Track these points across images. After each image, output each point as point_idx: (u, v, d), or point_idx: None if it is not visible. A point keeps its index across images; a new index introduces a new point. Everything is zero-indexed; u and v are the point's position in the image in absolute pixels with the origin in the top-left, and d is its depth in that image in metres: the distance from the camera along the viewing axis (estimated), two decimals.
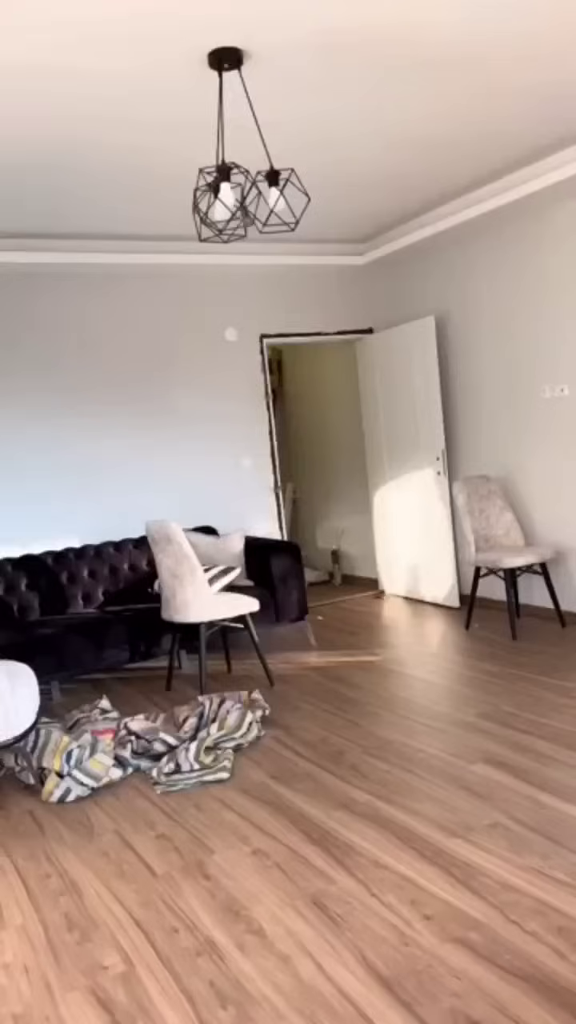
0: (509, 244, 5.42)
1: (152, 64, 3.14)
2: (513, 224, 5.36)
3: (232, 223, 3.36)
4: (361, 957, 2.16)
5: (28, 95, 3.30)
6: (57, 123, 3.60)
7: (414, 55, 3.27)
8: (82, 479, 5.66)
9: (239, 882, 2.60)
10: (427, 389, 6.08)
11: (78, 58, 3.03)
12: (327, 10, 2.86)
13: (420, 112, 3.88)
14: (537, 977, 2.01)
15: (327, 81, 3.44)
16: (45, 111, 3.46)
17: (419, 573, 6.49)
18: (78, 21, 2.78)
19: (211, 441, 6.13)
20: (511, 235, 5.39)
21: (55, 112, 3.48)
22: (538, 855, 2.57)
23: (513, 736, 3.55)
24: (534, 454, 5.48)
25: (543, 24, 3.12)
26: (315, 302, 6.51)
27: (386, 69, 3.38)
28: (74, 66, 3.09)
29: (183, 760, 3.48)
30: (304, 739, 3.77)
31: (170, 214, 5.11)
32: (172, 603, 4.49)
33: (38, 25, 2.78)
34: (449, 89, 3.65)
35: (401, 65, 3.35)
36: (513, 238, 5.38)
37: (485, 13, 2.99)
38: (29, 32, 2.82)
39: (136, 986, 2.14)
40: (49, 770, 3.44)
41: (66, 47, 2.94)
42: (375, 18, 2.94)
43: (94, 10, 2.72)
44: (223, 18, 2.85)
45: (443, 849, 2.67)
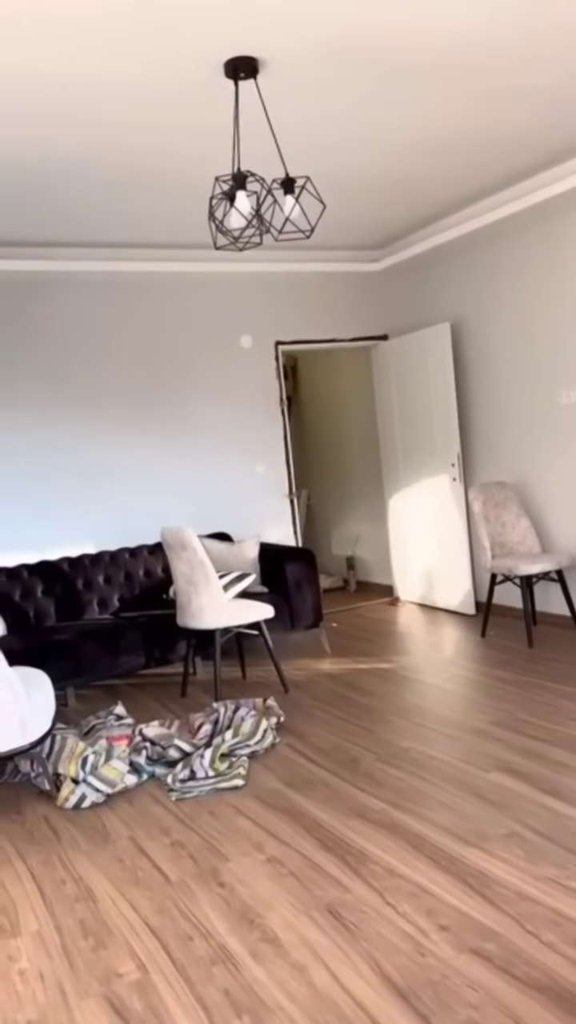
0: (525, 249, 5.41)
1: (169, 74, 3.16)
2: (529, 229, 5.35)
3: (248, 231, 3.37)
4: (376, 966, 2.15)
5: (46, 103, 3.33)
6: (74, 131, 3.63)
7: (430, 61, 3.27)
8: (98, 485, 5.69)
9: (253, 890, 2.59)
10: (443, 395, 6.07)
11: (96, 67, 3.06)
12: (342, 18, 2.87)
13: (436, 118, 3.88)
14: (554, 989, 1.99)
15: (342, 88, 3.45)
16: (64, 119, 3.49)
17: (434, 580, 6.46)
18: (95, 30, 2.80)
19: (226, 447, 6.14)
20: (527, 240, 5.38)
21: (73, 120, 3.52)
22: (554, 865, 2.55)
23: (528, 744, 3.53)
24: (550, 460, 5.46)
25: (559, 26, 3.12)
26: (330, 309, 6.52)
27: (401, 75, 3.38)
28: (92, 75, 3.12)
29: (198, 767, 3.48)
30: (318, 746, 3.76)
31: (186, 222, 5.14)
32: (187, 609, 4.50)
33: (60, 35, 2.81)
34: (464, 94, 3.65)
35: (417, 71, 3.36)
36: (529, 243, 5.37)
37: (502, 16, 2.99)
38: (51, 42, 2.85)
39: (151, 993, 2.14)
40: (64, 776, 3.45)
41: (82, 56, 2.97)
42: (390, 25, 2.95)
43: (110, 19, 2.74)
44: (238, 28, 2.86)
45: (458, 858, 2.65)
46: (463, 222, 5.66)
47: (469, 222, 5.61)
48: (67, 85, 3.17)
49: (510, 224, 5.41)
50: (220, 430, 6.12)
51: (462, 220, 5.65)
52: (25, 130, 3.55)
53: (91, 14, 2.69)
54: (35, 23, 2.71)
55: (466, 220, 5.63)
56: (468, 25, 3.00)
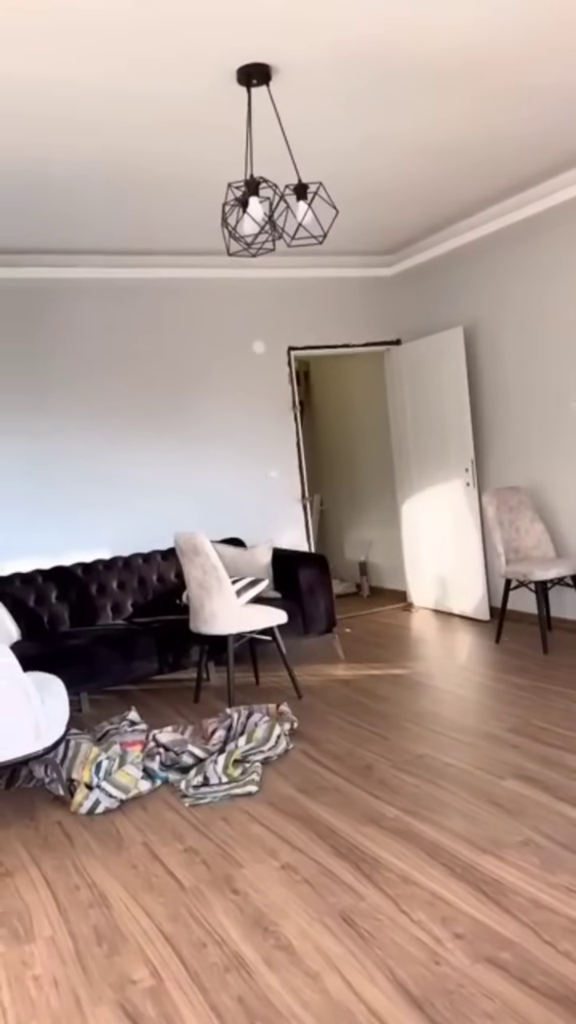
0: (538, 254, 5.39)
1: (182, 81, 3.17)
2: (542, 234, 5.33)
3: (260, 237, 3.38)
4: (391, 975, 2.13)
5: (57, 108, 3.35)
6: (85, 137, 3.66)
7: (441, 64, 3.27)
8: (111, 490, 5.71)
9: (267, 896, 2.58)
10: (456, 400, 6.06)
11: (108, 74, 3.08)
12: (353, 24, 2.87)
13: (448, 123, 3.88)
14: (572, 999, 1.97)
15: (354, 94, 3.46)
16: (75, 125, 3.52)
17: (448, 585, 6.44)
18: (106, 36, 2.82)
19: (239, 453, 6.15)
20: (540, 245, 5.36)
21: (85, 126, 3.54)
22: (571, 873, 2.52)
23: (544, 751, 3.50)
24: (565, 465, 5.43)
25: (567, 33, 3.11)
26: (342, 314, 6.52)
27: (411, 81, 3.39)
28: (105, 81, 3.14)
29: (211, 773, 3.48)
30: (332, 752, 3.75)
31: (199, 228, 5.16)
32: (200, 615, 4.50)
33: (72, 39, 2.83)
34: (479, 100, 3.65)
35: (428, 75, 3.36)
36: (542, 248, 5.35)
37: (515, 20, 2.98)
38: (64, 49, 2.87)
39: (164, 1000, 2.13)
40: (78, 782, 3.46)
41: (94, 62, 2.99)
42: (402, 29, 2.95)
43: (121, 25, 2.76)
44: (251, 35, 2.87)
45: (473, 865, 2.63)
46: (476, 227, 5.66)
47: (482, 227, 5.61)
48: (77, 90, 3.19)
49: (524, 228, 5.40)
50: (233, 435, 6.13)
51: (475, 224, 5.64)
52: (33, 135, 3.57)
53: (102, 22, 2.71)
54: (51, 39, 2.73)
55: (479, 224, 5.62)
56: (480, 28, 3.00)
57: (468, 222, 5.64)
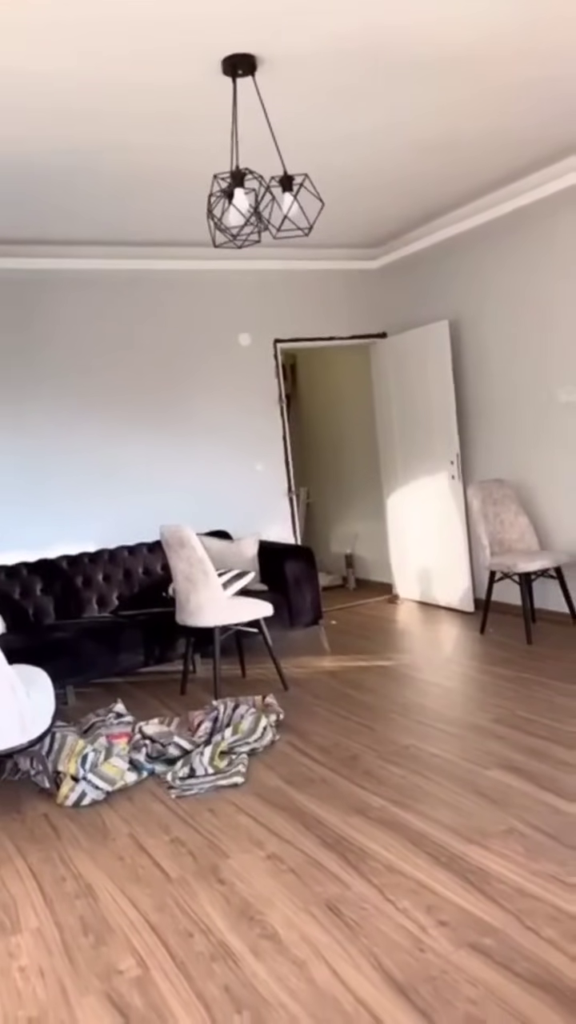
0: (523, 247, 5.41)
1: (167, 71, 3.16)
2: (527, 227, 5.35)
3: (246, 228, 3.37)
4: (376, 963, 2.15)
5: (45, 101, 3.33)
6: (72, 129, 3.63)
7: (427, 59, 3.27)
8: (96, 483, 5.69)
9: (254, 887, 2.60)
10: (441, 393, 6.07)
11: (95, 65, 3.06)
12: (341, 16, 2.87)
13: (433, 116, 3.88)
14: (554, 985, 1.99)
15: (340, 86, 3.45)
16: (62, 117, 3.49)
17: (433, 577, 6.47)
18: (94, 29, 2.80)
19: (225, 445, 6.14)
20: (525, 238, 5.38)
21: (71, 118, 3.51)
22: (554, 861, 2.55)
23: (528, 741, 3.53)
24: (549, 458, 5.46)
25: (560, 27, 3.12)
26: (329, 307, 6.52)
27: (398, 73, 3.38)
28: (92, 74, 3.12)
29: (197, 764, 3.48)
30: (318, 743, 3.77)
31: (185, 220, 5.14)
32: (186, 607, 4.50)
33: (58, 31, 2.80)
34: (463, 93, 3.65)
35: (413, 69, 3.36)
36: (527, 241, 5.37)
37: (500, 17, 2.99)
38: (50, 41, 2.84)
39: (151, 990, 2.14)
40: (64, 774, 3.45)
41: (82, 53, 2.97)
42: (388, 23, 2.95)
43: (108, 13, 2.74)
44: (237, 25, 2.86)
45: (458, 855, 2.65)
46: (462, 219, 5.67)
47: (468, 219, 5.62)
48: (60, 80, 3.17)
49: (509, 221, 5.42)
50: (219, 428, 6.12)
51: (461, 217, 5.65)
52: (18, 126, 3.54)
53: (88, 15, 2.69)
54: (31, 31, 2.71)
55: (465, 217, 5.63)
56: (467, 22, 3.00)
57: (454, 215, 5.65)
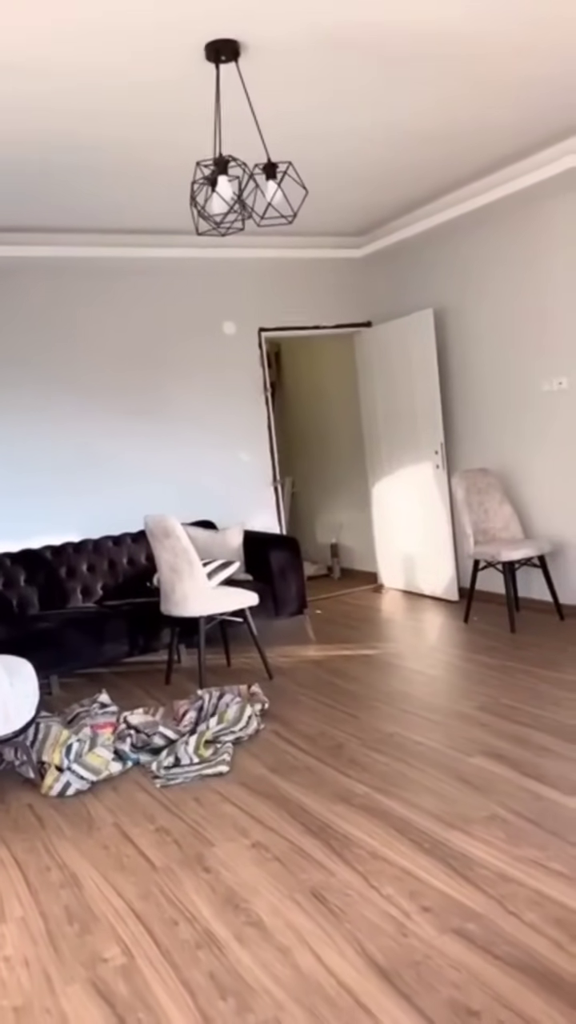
0: (507, 236, 5.41)
1: (148, 56, 3.13)
2: (511, 216, 5.35)
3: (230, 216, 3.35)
4: (360, 948, 2.17)
5: (22, 88, 3.29)
6: (51, 116, 3.59)
7: (412, 48, 3.26)
8: (80, 473, 5.66)
9: (238, 874, 2.61)
10: (426, 382, 6.08)
11: (74, 50, 3.02)
12: (323, 5, 2.85)
13: (418, 105, 3.87)
14: (535, 968, 2.02)
15: (324, 74, 3.43)
16: (39, 104, 3.45)
17: (418, 566, 6.49)
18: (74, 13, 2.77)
19: (210, 435, 6.13)
20: (509, 227, 5.38)
21: (49, 105, 3.47)
22: (535, 846, 2.58)
23: (511, 729, 3.56)
24: (533, 447, 5.48)
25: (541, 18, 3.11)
26: (313, 295, 6.50)
27: (383, 62, 3.37)
28: (70, 59, 3.08)
29: (182, 754, 3.49)
30: (303, 732, 3.78)
31: (168, 207, 5.10)
32: (171, 597, 4.49)
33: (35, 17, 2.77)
34: (447, 82, 3.64)
35: (399, 58, 3.34)
36: (512, 230, 5.37)
37: (483, 7, 2.98)
38: (26, 26, 2.81)
39: (136, 978, 2.15)
40: (49, 764, 3.45)
41: (63, 40, 2.93)
42: (372, 12, 2.93)
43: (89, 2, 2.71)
44: (220, 10, 2.83)
45: (441, 841, 2.68)
46: (446, 208, 5.66)
47: (452, 208, 5.61)
48: (34, 63, 3.13)
49: (493, 211, 5.41)
50: (203, 417, 6.10)
51: (445, 206, 5.64)
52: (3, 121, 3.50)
53: None
54: None
55: (449, 206, 5.62)
56: (453, 14, 2.99)
57: (438, 203, 5.63)
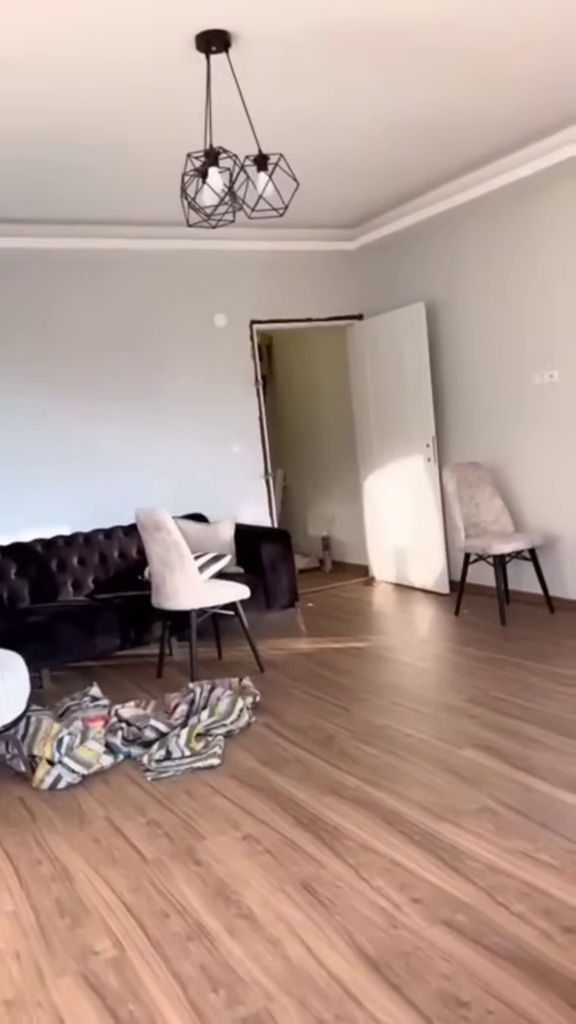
0: (499, 229, 5.41)
1: (138, 46, 3.10)
2: (503, 209, 5.35)
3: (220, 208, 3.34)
4: (350, 940, 2.18)
5: (12, 80, 3.26)
6: (41, 108, 3.56)
7: (405, 40, 3.25)
8: (71, 466, 5.64)
9: (229, 867, 2.62)
10: (417, 375, 6.08)
11: (62, 41, 3.00)
12: None
13: (410, 98, 3.85)
14: (524, 959, 2.03)
15: (316, 65, 3.41)
16: (28, 97, 3.42)
17: (409, 559, 6.50)
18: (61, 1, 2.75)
19: (201, 428, 6.11)
20: (501, 220, 5.38)
21: (39, 97, 3.45)
22: (525, 838, 2.59)
23: (501, 721, 3.58)
24: (524, 440, 5.49)
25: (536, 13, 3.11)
26: (305, 288, 6.49)
27: (376, 55, 3.35)
28: (59, 50, 3.06)
29: (173, 747, 3.49)
30: (294, 725, 3.79)
31: (158, 199, 5.08)
32: (162, 590, 4.49)
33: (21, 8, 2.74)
34: (440, 75, 3.62)
35: (391, 51, 3.33)
36: (503, 223, 5.37)
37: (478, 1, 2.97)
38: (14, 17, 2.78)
39: (127, 970, 2.15)
40: (40, 757, 3.45)
41: (50, 30, 2.91)
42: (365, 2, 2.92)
43: None
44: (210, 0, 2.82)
45: (431, 833, 2.69)
46: (438, 200, 5.65)
47: (444, 201, 5.60)
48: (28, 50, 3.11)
49: (485, 204, 5.41)
50: (195, 410, 6.09)
51: (437, 199, 5.63)
52: None
53: None
54: None
55: (441, 199, 5.62)
56: (450, 7, 2.97)
57: (430, 196, 5.63)
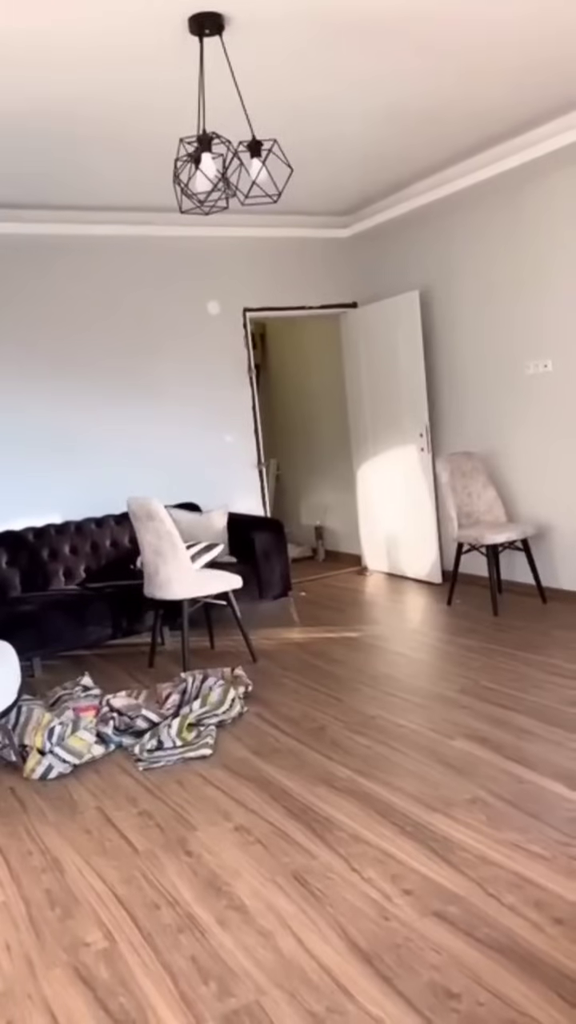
0: (493, 217, 5.37)
1: (130, 29, 3.06)
2: (497, 197, 5.31)
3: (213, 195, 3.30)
4: (341, 931, 2.18)
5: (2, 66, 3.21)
6: (33, 92, 3.51)
7: (399, 27, 3.21)
8: (63, 454, 5.61)
9: (221, 858, 2.61)
10: (411, 364, 6.06)
11: (52, 24, 2.95)
12: None
13: (405, 85, 3.81)
14: (515, 950, 2.04)
15: (311, 51, 3.37)
16: (19, 80, 3.37)
17: (402, 549, 6.50)
18: None
19: (194, 416, 6.08)
20: (495, 208, 5.34)
21: (30, 80, 3.40)
22: (516, 829, 2.59)
23: (493, 711, 3.58)
24: (517, 430, 5.48)
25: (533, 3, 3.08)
26: (299, 275, 6.44)
27: (370, 41, 3.31)
28: (52, 31, 3.01)
29: (165, 737, 3.48)
30: (286, 715, 3.78)
31: (150, 185, 5.02)
32: (154, 580, 4.47)
33: None
34: (434, 63, 3.59)
35: (385, 37, 3.29)
36: (497, 211, 5.33)
37: None
38: None
39: (118, 962, 2.15)
40: (31, 747, 3.44)
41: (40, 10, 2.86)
42: None
43: None
44: None
45: (423, 824, 2.69)
46: (433, 188, 5.61)
47: (438, 188, 5.56)
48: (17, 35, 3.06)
49: (479, 192, 5.37)
50: (187, 399, 6.05)
51: (432, 186, 5.60)
52: None
53: None
54: None
55: (436, 186, 5.58)
56: None
57: (425, 184, 5.58)
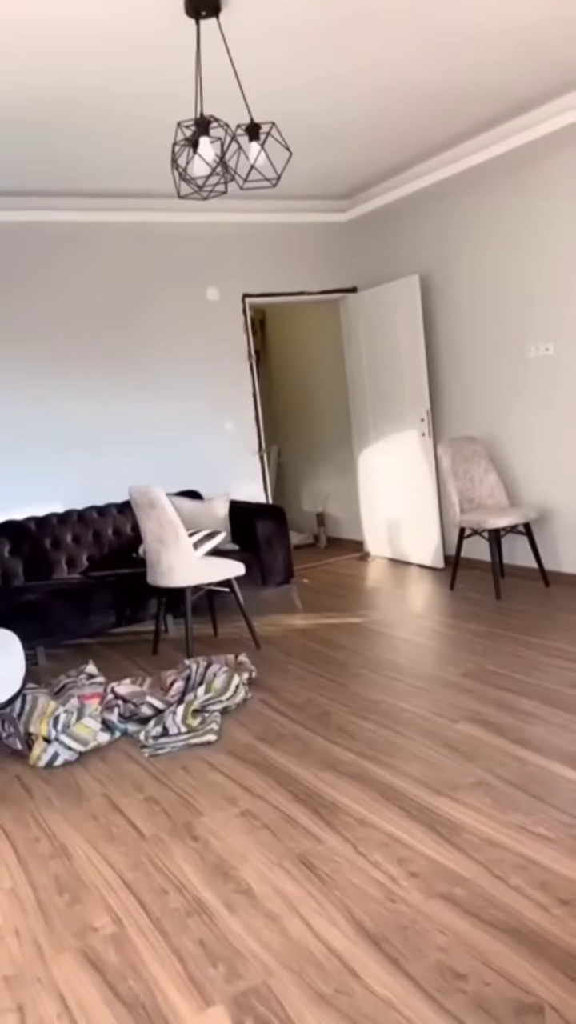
0: (494, 200, 5.34)
1: (127, 10, 3.02)
2: (497, 180, 5.27)
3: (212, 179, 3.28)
4: (348, 914, 2.19)
5: None
6: (29, 76, 3.48)
7: (398, 8, 3.17)
8: (64, 443, 5.60)
9: (227, 843, 2.62)
10: (412, 349, 6.03)
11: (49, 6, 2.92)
12: None
13: (405, 67, 3.77)
14: (521, 931, 2.05)
15: (309, 32, 3.33)
16: (15, 63, 3.34)
17: (404, 534, 6.50)
18: None
19: (194, 404, 6.06)
20: (496, 191, 5.31)
21: (26, 64, 3.36)
22: (521, 812, 2.60)
23: (497, 695, 3.59)
24: (519, 414, 5.47)
25: None
26: (298, 260, 6.41)
27: (371, 22, 3.27)
28: (45, 15, 2.98)
29: (170, 723, 3.50)
30: (291, 700, 3.79)
31: (148, 170, 4.99)
32: (157, 568, 4.48)
33: None
34: (435, 43, 3.55)
35: (386, 18, 3.25)
36: (498, 194, 5.30)
37: None
38: None
39: (127, 946, 2.16)
40: (36, 735, 3.45)
41: None
42: None
43: None
44: None
45: (428, 807, 2.70)
46: (432, 171, 5.57)
47: (437, 171, 5.51)
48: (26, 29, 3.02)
49: (479, 173, 5.33)
50: (187, 386, 6.04)
51: (431, 169, 5.55)
52: None
53: None
54: None
55: (435, 169, 5.53)
56: None
57: (424, 166, 5.54)
